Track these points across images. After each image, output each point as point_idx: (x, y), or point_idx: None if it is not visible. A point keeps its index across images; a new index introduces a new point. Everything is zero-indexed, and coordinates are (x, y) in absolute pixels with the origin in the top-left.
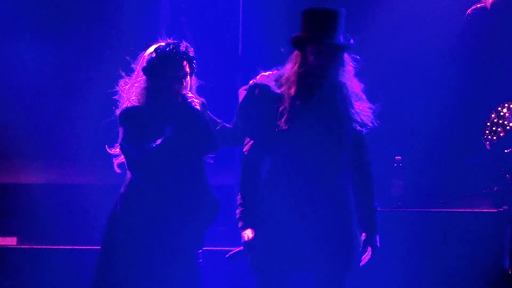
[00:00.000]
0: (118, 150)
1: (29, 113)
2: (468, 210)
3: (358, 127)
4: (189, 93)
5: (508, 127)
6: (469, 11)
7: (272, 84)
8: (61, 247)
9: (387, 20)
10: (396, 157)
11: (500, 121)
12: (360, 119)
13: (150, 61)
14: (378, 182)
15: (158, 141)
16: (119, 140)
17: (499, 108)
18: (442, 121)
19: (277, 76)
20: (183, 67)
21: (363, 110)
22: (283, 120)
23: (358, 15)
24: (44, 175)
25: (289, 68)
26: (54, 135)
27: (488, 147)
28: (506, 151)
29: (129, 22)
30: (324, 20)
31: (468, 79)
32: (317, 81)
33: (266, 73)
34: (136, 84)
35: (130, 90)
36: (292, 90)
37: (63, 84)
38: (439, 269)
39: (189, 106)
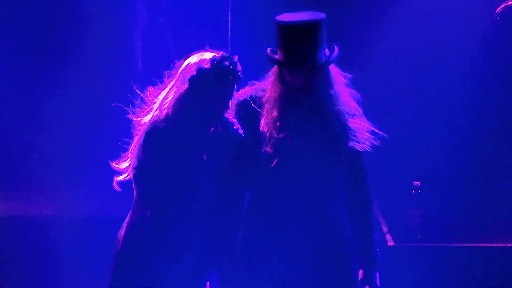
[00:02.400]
0: (126, 168)
1: None
2: (500, 245)
3: (355, 147)
4: (231, 117)
5: None
6: (498, 9)
7: (255, 100)
8: None
9: (403, 22)
10: (414, 183)
11: None
12: (357, 138)
13: (204, 72)
14: (393, 212)
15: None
16: (136, 162)
17: None
18: (469, 138)
19: (259, 91)
20: (234, 88)
21: (360, 126)
22: (267, 143)
23: (370, 18)
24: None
25: (270, 86)
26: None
27: None
28: None
29: (102, 22)
30: (298, 39)
31: (498, 87)
32: (299, 103)
33: (252, 87)
34: (173, 92)
35: (165, 99)
36: (275, 113)
37: (25, 95)
38: None
39: (234, 133)
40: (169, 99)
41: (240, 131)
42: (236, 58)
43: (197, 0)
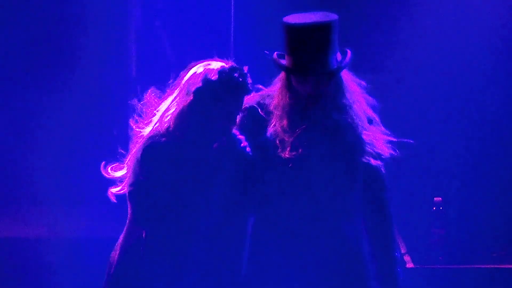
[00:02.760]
0: (120, 177)
1: None
2: None
3: (372, 160)
4: (238, 133)
5: None
6: None
7: (262, 107)
8: None
9: (423, 19)
10: (435, 199)
11: None
12: (374, 150)
13: (210, 83)
14: (412, 231)
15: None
16: (132, 178)
17: None
18: (496, 150)
19: (266, 97)
20: (242, 102)
21: (376, 138)
22: (274, 157)
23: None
24: None
25: (277, 93)
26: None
27: None
28: None
29: (92, 27)
30: (307, 43)
31: None
32: (308, 113)
33: (259, 93)
34: (175, 104)
35: (167, 111)
36: (284, 123)
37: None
38: None
39: (241, 151)
40: (171, 111)
41: (248, 149)
42: (246, 69)
43: (196, 1)
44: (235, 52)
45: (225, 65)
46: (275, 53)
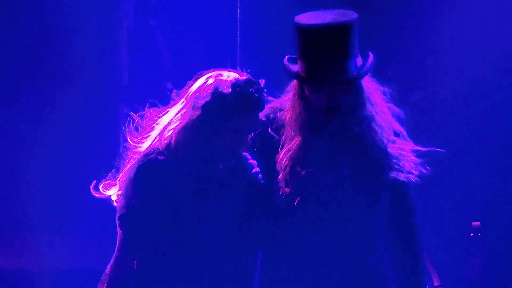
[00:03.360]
0: (112, 196)
1: None
2: None
3: (399, 177)
4: (249, 157)
5: None
6: None
7: (272, 123)
8: None
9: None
10: (472, 224)
11: None
12: (400, 167)
13: (222, 97)
14: (447, 261)
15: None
16: (123, 201)
17: None
18: None
19: (277, 111)
20: (256, 121)
21: (404, 152)
22: (287, 180)
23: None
24: None
25: (290, 104)
26: None
27: None
28: None
29: (79, 27)
30: (322, 47)
31: None
32: (325, 127)
33: (268, 105)
34: (179, 118)
35: (168, 125)
36: (297, 140)
37: None
38: None
39: (252, 178)
40: (173, 126)
41: (260, 176)
42: (262, 83)
43: None
44: (241, 55)
45: (239, 78)
46: (286, 57)
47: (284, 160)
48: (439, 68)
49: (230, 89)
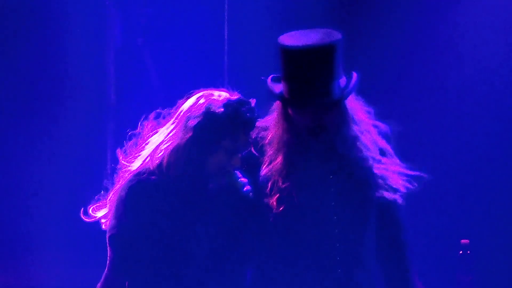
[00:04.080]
0: (103, 217)
1: None
2: None
3: (386, 196)
4: (240, 175)
5: None
6: None
7: (257, 143)
8: None
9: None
10: (461, 241)
11: None
12: (388, 184)
13: (214, 118)
14: (436, 278)
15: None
16: (113, 221)
17: None
18: None
19: (261, 130)
20: (248, 141)
21: (390, 171)
22: (273, 200)
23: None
24: None
25: (273, 124)
26: None
27: None
28: None
29: (64, 44)
30: (304, 70)
31: None
32: (309, 147)
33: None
34: (170, 139)
35: (160, 145)
36: (279, 160)
37: None
38: None
39: (244, 196)
40: (164, 146)
41: (251, 194)
42: (253, 102)
43: (185, 15)
44: (229, 73)
45: (231, 97)
46: (270, 76)
47: (267, 180)
48: (430, 77)
49: (222, 109)
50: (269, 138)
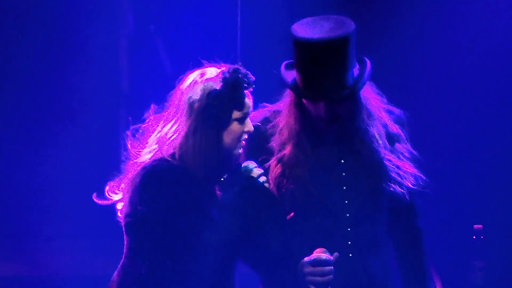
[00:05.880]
0: (119, 201)
1: None
2: None
3: (398, 187)
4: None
5: None
6: None
7: (266, 129)
8: None
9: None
10: (474, 226)
11: None
12: (400, 174)
13: (217, 93)
14: (448, 264)
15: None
16: (129, 209)
17: None
18: None
19: (274, 115)
20: (251, 96)
21: (402, 160)
22: (279, 191)
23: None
24: None
25: (286, 111)
26: None
27: None
28: None
29: (76, 34)
30: (317, 62)
31: None
32: (321, 136)
33: (265, 109)
34: (176, 125)
35: (168, 133)
36: (288, 149)
37: None
38: None
39: (259, 186)
40: (175, 134)
41: (267, 184)
42: (240, 64)
43: (197, 4)
44: (242, 60)
45: (222, 70)
46: (284, 64)
47: (275, 169)
48: (441, 71)
49: (222, 83)
50: (281, 125)
